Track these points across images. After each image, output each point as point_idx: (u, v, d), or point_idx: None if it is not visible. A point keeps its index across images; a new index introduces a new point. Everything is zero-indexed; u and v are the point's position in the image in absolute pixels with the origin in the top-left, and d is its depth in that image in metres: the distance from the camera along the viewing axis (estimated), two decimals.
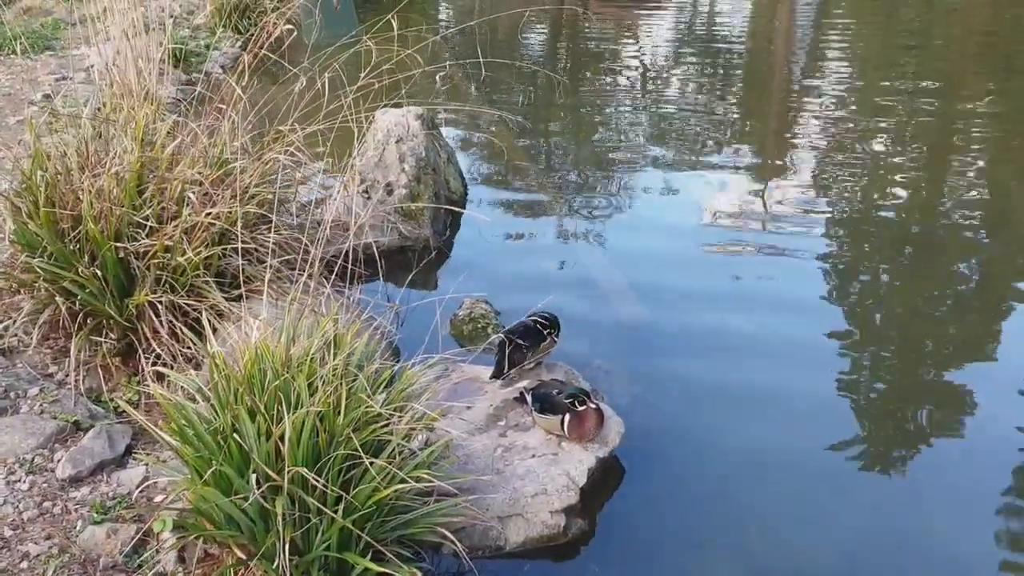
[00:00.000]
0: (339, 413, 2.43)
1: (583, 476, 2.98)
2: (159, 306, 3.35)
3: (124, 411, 3.21)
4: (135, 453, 3.05)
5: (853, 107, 7.75)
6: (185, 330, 3.19)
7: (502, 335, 3.53)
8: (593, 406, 3.08)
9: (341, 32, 4.30)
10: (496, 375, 3.45)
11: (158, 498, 2.82)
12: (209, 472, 2.31)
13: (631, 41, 10.97)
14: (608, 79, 8.95)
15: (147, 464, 2.93)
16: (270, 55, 3.81)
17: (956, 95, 8.03)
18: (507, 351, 3.43)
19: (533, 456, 3.07)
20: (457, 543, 2.49)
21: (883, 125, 7.22)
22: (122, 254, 3.36)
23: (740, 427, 3.58)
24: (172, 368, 3.14)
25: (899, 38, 10.90)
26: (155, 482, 2.86)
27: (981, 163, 6.35)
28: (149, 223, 3.39)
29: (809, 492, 3.23)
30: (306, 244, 3.44)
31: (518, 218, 5.77)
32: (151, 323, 3.36)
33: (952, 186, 6.02)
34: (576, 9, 12.37)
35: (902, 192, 5.90)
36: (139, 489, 2.82)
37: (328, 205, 4.27)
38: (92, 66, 7.22)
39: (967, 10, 12.34)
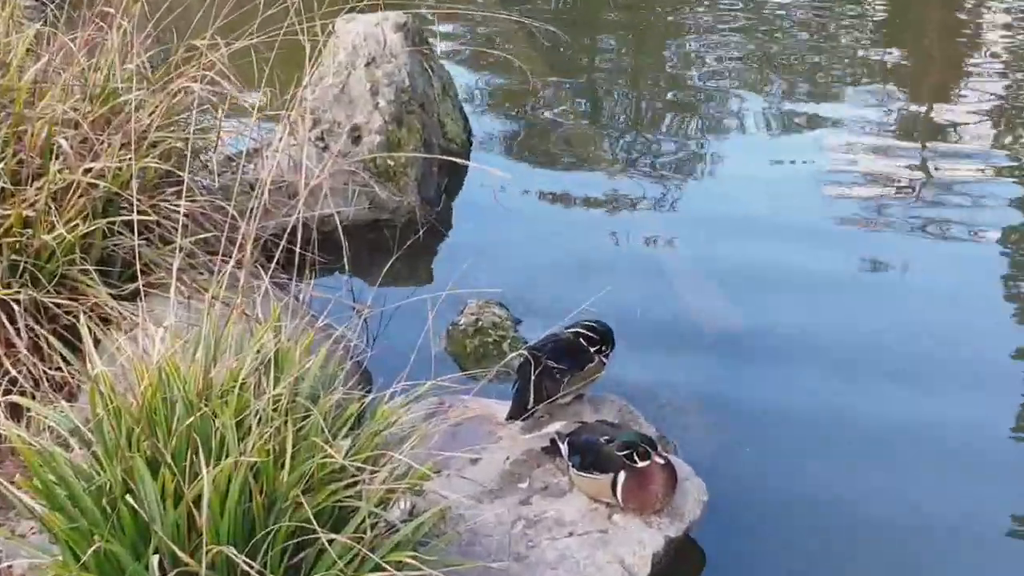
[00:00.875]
0: (283, 466, 2.45)
1: (645, 566, 2.98)
2: (14, 307, 3.39)
3: None
4: None
5: None
6: (54, 341, 3.22)
7: (525, 353, 3.53)
8: (661, 461, 3.08)
9: None
10: (516, 414, 3.47)
11: None
12: (90, 551, 2.33)
13: None
14: None
15: None
16: None
17: None
18: (532, 378, 3.44)
19: (570, 534, 3.07)
20: None
21: None
22: None
23: (880, 489, 3.59)
24: (34, 397, 3.17)
25: None
26: (10, 567, 2.89)
27: None
28: (0, 183, 3.42)
29: None
30: (233, 216, 3.46)
31: (547, 178, 5.79)
32: (3, 332, 3.39)
33: None
34: None
35: None
36: None
37: (266, 159, 4.30)
38: None
39: None
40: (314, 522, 2.33)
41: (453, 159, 4.14)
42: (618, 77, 7.16)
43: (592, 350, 3.53)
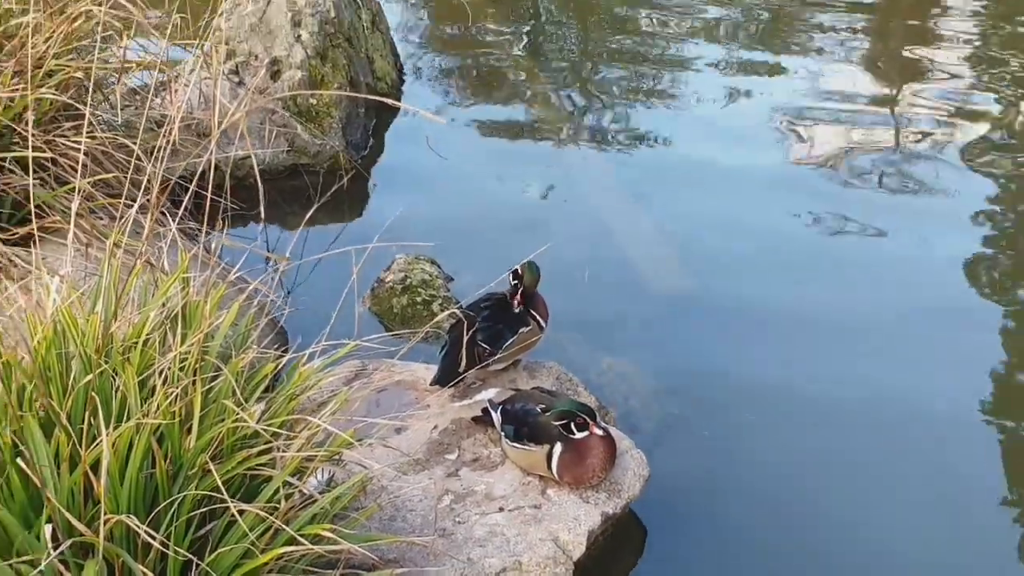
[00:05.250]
0: (189, 430, 2.45)
1: (580, 543, 3.01)
2: None
3: None
4: None
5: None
6: None
7: (457, 313, 3.55)
8: (599, 432, 3.12)
9: None
10: (444, 379, 3.48)
11: None
12: None
13: None
14: None
15: None
16: None
17: None
18: (464, 341, 3.46)
19: (501, 509, 3.11)
20: None
21: None
22: None
23: (816, 467, 3.67)
24: None
25: None
26: None
27: None
28: None
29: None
30: (138, 156, 3.42)
31: (485, 123, 5.79)
32: None
33: None
34: None
35: None
36: None
37: (175, 93, 4.25)
38: None
39: None
40: (223, 491, 2.34)
41: (382, 99, 4.10)
42: (564, 19, 7.16)
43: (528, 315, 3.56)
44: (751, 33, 6.90)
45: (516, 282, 3.55)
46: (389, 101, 5.01)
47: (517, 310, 3.55)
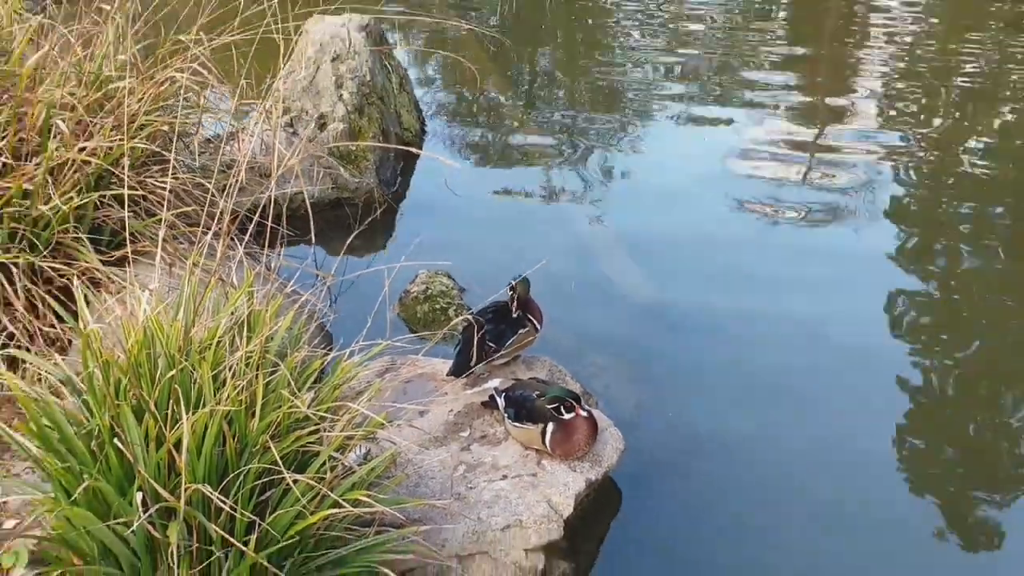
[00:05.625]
0: (253, 415, 2.43)
1: (569, 504, 3.01)
2: (13, 270, 3.32)
3: None
4: None
5: (932, 27, 7.83)
6: (49, 301, 3.16)
7: (469, 318, 3.54)
8: (584, 413, 3.11)
9: None
10: (458, 371, 3.47)
11: (8, 523, 2.80)
12: (80, 489, 2.30)
13: None
14: None
15: None
16: None
17: None
18: (475, 340, 3.45)
19: (504, 477, 3.10)
20: None
21: (970, 52, 7.31)
22: None
23: (772, 443, 3.66)
24: (30, 351, 3.11)
25: None
26: (5, 502, 2.84)
27: None
28: (2, 159, 3.34)
29: (851, 538, 3.31)
30: (212, 193, 3.41)
31: (492, 166, 5.79)
32: (1, 292, 3.32)
33: None
34: None
35: (989, 144, 5.98)
36: None
37: (242, 142, 4.24)
38: None
39: None
40: (280, 464, 2.32)
41: (407, 148, 4.10)
42: (554, 77, 7.16)
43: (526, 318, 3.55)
44: (704, 86, 6.89)
45: (512, 293, 3.54)
46: (413, 150, 5.03)
47: (516, 315, 3.55)
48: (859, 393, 3.95)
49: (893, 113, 6.41)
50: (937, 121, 6.33)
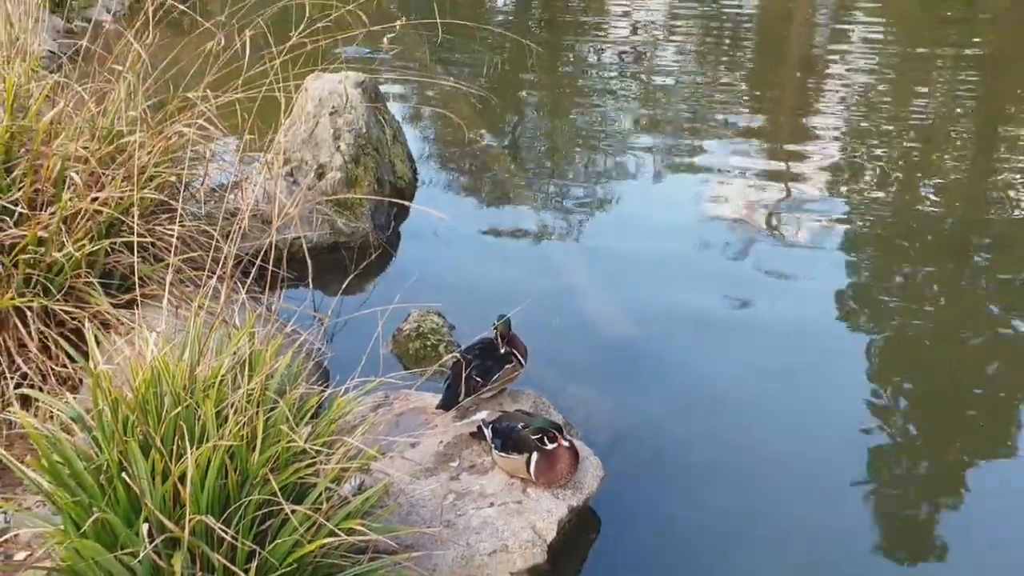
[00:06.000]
0: (254, 449, 2.41)
1: (552, 530, 2.98)
2: (28, 313, 3.29)
3: None
4: None
5: (885, 83, 7.94)
6: (61, 342, 3.14)
7: (457, 355, 3.53)
8: (566, 443, 3.10)
9: None
10: (447, 405, 3.45)
11: (20, 555, 2.76)
12: (89, 522, 2.27)
13: (622, 1, 11.10)
14: (592, 46, 9.05)
15: (6, 512, 2.86)
16: (177, 4, 3.77)
17: (1003, 74, 8.28)
18: (463, 376, 3.43)
19: (491, 505, 3.07)
20: None
21: (919, 105, 7.42)
22: None
23: (742, 469, 3.64)
24: (42, 390, 3.08)
25: (939, 3, 11.24)
26: (17, 534, 2.80)
27: None
28: (18, 209, 3.34)
29: (827, 558, 3.29)
30: (216, 239, 3.40)
31: (479, 212, 5.80)
32: (16, 333, 3.30)
33: (998, 181, 6.19)
34: None
35: (941, 186, 6.06)
36: None
37: (245, 191, 4.25)
38: None
39: None
40: (279, 496, 2.30)
41: (399, 201, 4.12)
42: (536, 130, 7.22)
43: (511, 353, 3.54)
44: (673, 135, 6.96)
45: (496, 331, 3.54)
46: (404, 202, 5.05)
47: (502, 351, 3.54)
48: (830, 416, 3.94)
49: (850, 157, 6.47)
50: (891, 163, 6.40)
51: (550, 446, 3.07)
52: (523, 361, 3.59)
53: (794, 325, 4.55)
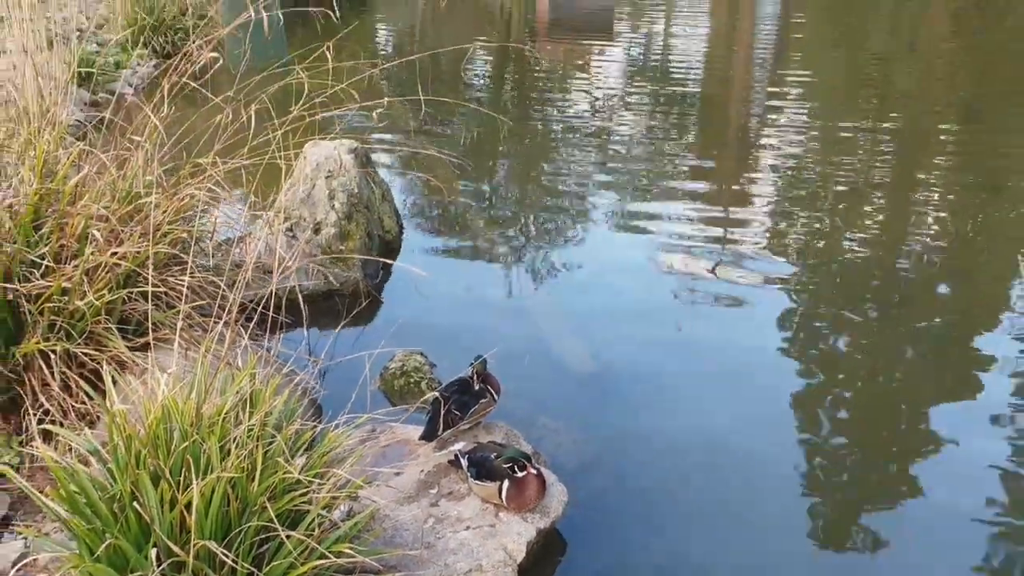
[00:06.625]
0: (253, 479, 2.40)
1: (522, 551, 2.98)
2: (51, 355, 3.26)
3: (3, 475, 3.09)
4: (13, 524, 2.93)
5: (812, 152, 8.11)
6: (80, 382, 3.11)
7: (436, 394, 3.53)
8: (534, 472, 3.09)
9: (271, 60, 4.33)
10: (428, 437, 3.44)
11: None
12: (102, 547, 2.25)
13: (581, 78, 11.31)
14: (556, 118, 9.20)
15: (27, 537, 2.81)
16: (191, 83, 3.80)
17: (916, 138, 8.51)
18: (441, 412, 3.43)
19: (467, 528, 3.06)
20: None
21: (844, 163, 7.60)
22: (11, 296, 3.27)
23: (696, 494, 3.65)
24: (63, 425, 3.05)
25: (860, 74, 11.57)
26: (35, 559, 2.75)
27: (942, 210, 6.70)
28: (45, 262, 3.32)
29: (771, 569, 3.29)
30: (223, 288, 3.40)
31: (458, 262, 5.83)
32: (40, 374, 3.26)
33: (913, 231, 6.34)
34: (523, 46, 12.73)
35: (863, 241, 6.17)
36: (16, 567, 2.70)
37: (249, 245, 4.25)
38: None
39: (928, 54, 13.11)
40: (276, 522, 2.29)
41: (385, 260, 4.13)
42: (507, 192, 7.30)
43: (486, 389, 3.54)
44: (630, 195, 7.05)
45: (472, 370, 3.55)
46: (390, 261, 5.07)
47: (477, 387, 3.55)
48: (782, 445, 3.97)
49: (782, 216, 6.58)
50: (821, 215, 6.52)
51: (520, 474, 3.07)
52: (496, 397, 3.59)
53: (736, 364, 4.58)
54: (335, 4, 3.79)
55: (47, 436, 3.02)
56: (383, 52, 12.63)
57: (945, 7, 17.08)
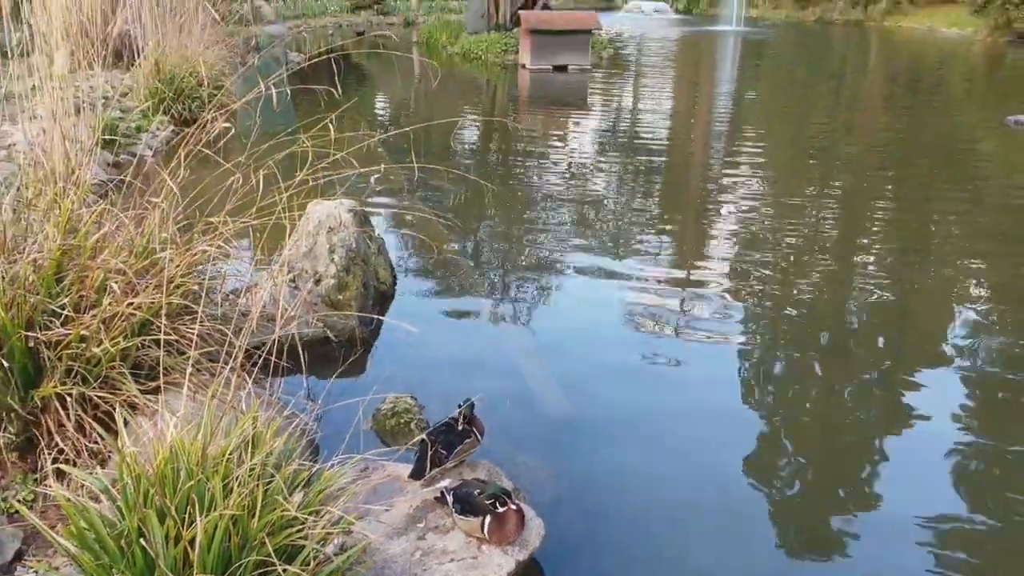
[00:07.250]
0: (254, 516, 2.35)
1: None
2: (67, 398, 3.20)
3: (17, 512, 3.00)
4: (26, 559, 2.83)
5: (765, 213, 8.23)
6: (94, 424, 3.04)
7: (423, 436, 3.48)
8: (515, 507, 3.05)
9: (279, 129, 4.36)
10: (416, 475, 3.39)
11: None
12: None
13: (558, 146, 11.48)
14: (535, 184, 9.32)
15: (38, 572, 2.72)
16: (205, 149, 3.81)
17: (855, 206, 8.66)
18: (429, 452, 3.39)
19: (452, 560, 2.99)
20: None
21: (792, 229, 7.70)
22: (32, 343, 3.22)
23: (665, 526, 3.60)
24: (75, 464, 2.98)
25: (806, 146, 11.87)
26: None
27: (885, 265, 6.79)
28: (65, 312, 3.28)
29: None
30: (230, 336, 3.37)
31: (447, 310, 5.82)
32: (56, 416, 3.19)
33: (860, 287, 6.40)
34: (505, 121, 13.02)
35: (811, 291, 6.23)
36: None
37: (254, 295, 4.22)
38: (14, 144, 7.07)
39: (865, 127, 13.45)
40: (273, 557, 2.24)
41: (378, 317, 4.12)
42: (492, 248, 7.33)
43: (471, 430, 3.50)
44: (604, 249, 7.11)
45: (458, 413, 3.52)
46: (383, 318, 5.05)
47: (461, 428, 3.51)
48: (750, 475, 3.94)
49: (738, 270, 6.64)
50: (773, 273, 6.58)
51: (501, 509, 3.02)
52: (480, 437, 3.55)
53: (702, 404, 4.58)
54: (337, 82, 3.83)
55: (60, 475, 2.95)
56: (380, 123, 12.79)
57: (877, 90, 17.58)
